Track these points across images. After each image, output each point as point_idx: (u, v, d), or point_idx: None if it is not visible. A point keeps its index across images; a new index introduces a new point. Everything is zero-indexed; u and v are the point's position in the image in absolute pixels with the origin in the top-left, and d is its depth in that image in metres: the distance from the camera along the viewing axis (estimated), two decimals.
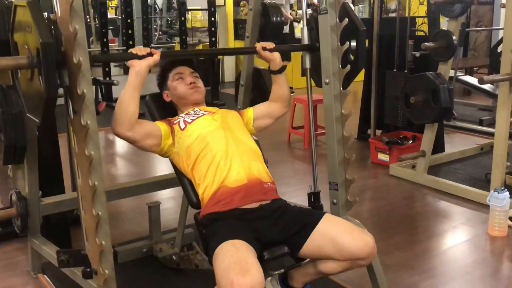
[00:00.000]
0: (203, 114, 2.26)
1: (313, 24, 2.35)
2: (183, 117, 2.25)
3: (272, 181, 2.18)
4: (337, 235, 1.95)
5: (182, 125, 2.19)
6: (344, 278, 2.57)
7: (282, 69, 2.34)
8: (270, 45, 2.31)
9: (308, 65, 2.40)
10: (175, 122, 2.22)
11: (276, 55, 2.31)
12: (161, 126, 2.18)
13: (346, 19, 2.22)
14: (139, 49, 2.03)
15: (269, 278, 2.26)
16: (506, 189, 3.27)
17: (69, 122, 1.94)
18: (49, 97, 1.72)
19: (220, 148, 2.11)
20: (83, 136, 1.86)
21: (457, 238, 3.33)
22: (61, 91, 1.87)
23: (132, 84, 2.00)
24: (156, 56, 2.03)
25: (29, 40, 1.82)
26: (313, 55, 2.38)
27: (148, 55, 2.02)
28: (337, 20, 2.21)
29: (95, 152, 1.85)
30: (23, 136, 2.32)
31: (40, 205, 2.61)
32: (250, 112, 2.38)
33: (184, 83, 2.33)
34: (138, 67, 2.00)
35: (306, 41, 2.39)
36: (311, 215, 2.07)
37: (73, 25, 1.74)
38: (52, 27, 1.86)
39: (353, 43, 2.28)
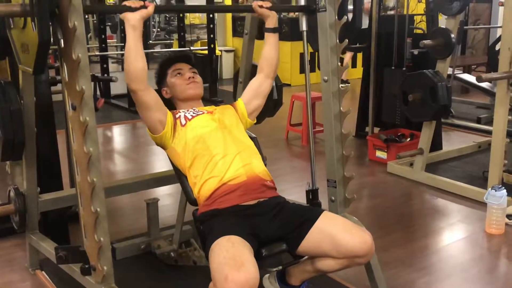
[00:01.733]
0: (203, 113, 2.26)
1: None
2: (184, 111, 2.25)
3: (271, 180, 2.18)
4: (336, 233, 1.95)
5: (183, 121, 2.20)
6: (342, 275, 2.57)
7: (276, 29, 2.34)
8: (267, 3, 2.31)
9: (304, 27, 2.35)
10: (177, 116, 2.22)
11: (273, 12, 2.31)
12: (168, 112, 2.19)
13: (345, 17, 2.22)
14: (132, 2, 2.02)
15: (266, 275, 2.27)
16: (503, 187, 3.28)
17: (67, 119, 1.94)
18: (42, 42, 1.72)
19: (219, 149, 2.12)
20: (81, 133, 1.85)
21: (454, 236, 3.34)
22: (59, 87, 1.88)
23: (132, 40, 2.00)
24: (150, 9, 2.02)
25: None
26: (309, 16, 2.34)
27: (141, 8, 2.01)
28: (336, 17, 2.21)
29: (93, 148, 1.86)
30: (22, 132, 2.31)
31: (38, 202, 2.61)
32: (240, 102, 2.38)
33: (183, 79, 2.34)
34: (132, 20, 1.99)
35: (302, 2, 2.35)
36: (309, 212, 2.07)
37: None
38: None
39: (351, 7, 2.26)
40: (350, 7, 2.23)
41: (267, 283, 2.26)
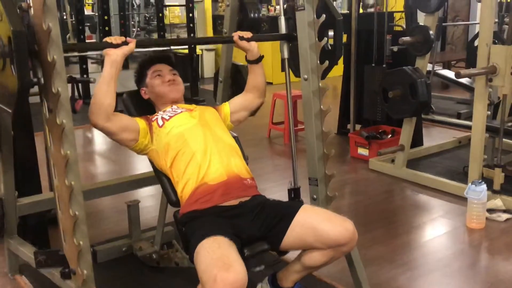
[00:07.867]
0: (181, 111, 2.25)
1: (290, 14, 2.34)
2: (161, 114, 2.23)
3: (251, 177, 2.18)
4: (317, 223, 1.96)
5: (160, 122, 2.18)
6: (325, 273, 2.57)
7: (259, 59, 2.34)
8: (247, 34, 2.30)
9: (286, 55, 2.39)
10: (153, 119, 2.20)
11: (254, 45, 2.30)
12: (139, 122, 2.16)
13: (324, 15, 2.22)
14: (114, 38, 2.01)
15: (259, 284, 2.27)
16: (483, 182, 3.31)
17: (44, 121, 1.91)
18: (22, 86, 1.69)
19: (199, 146, 2.10)
20: (58, 136, 1.83)
21: (435, 231, 3.36)
22: (36, 89, 1.85)
23: (108, 74, 1.98)
24: (132, 45, 2.01)
25: (0, 29, 1.77)
26: (290, 44, 2.36)
27: (123, 44, 2.00)
28: (314, 16, 2.21)
29: (71, 151, 1.83)
30: None
31: (17, 205, 2.56)
32: (227, 107, 2.38)
33: (162, 81, 2.32)
34: (113, 56, 1.98)
35: (283, 30, 2.38)
36: (289, 207, 2.08)
37: (46, 23, 1.71)
38: (24, 16, 1.81)
39: (331, 33, 2.29)
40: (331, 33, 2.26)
41: None
